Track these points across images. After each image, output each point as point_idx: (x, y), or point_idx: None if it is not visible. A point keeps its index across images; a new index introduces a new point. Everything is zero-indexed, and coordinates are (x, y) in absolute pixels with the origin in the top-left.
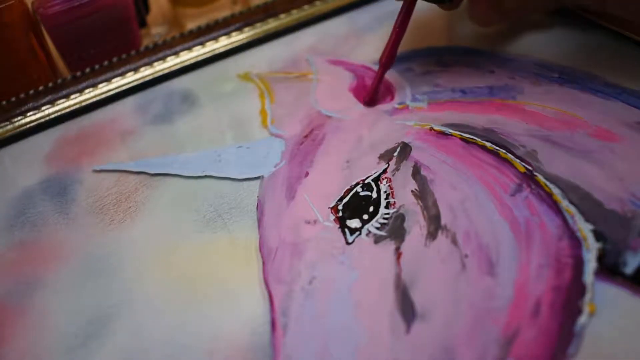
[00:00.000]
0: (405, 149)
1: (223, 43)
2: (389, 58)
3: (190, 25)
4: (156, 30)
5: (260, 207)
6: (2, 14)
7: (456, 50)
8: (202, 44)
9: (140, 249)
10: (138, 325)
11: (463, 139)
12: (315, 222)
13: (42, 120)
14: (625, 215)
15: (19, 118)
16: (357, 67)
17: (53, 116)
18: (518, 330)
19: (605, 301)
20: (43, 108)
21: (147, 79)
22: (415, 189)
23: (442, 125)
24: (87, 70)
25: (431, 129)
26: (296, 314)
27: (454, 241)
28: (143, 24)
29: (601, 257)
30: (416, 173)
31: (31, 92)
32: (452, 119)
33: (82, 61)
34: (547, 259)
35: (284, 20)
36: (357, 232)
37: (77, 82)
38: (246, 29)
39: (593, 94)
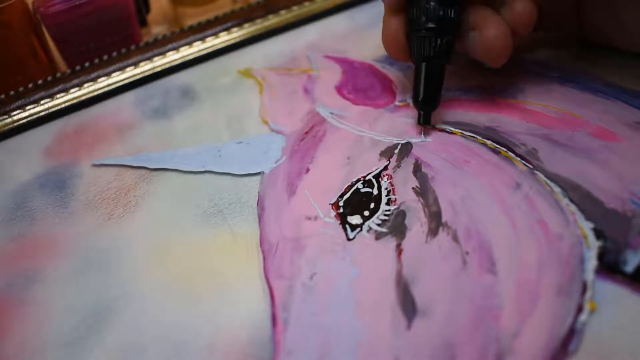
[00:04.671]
0: (406, 146)
1: (223, 39)
2: None
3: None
4: (156, 30)
5: (260, 203)
6: (2, 13)
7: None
8: (202, 39)
9: (140, 243)
10: (137, 320)
11: (464, 137)
12: (316, 218)
13: (42, 114)
14: (625, 214)
15: (18, 112)
16: (358, 65)
17: (52, 110)
18: (518, 327)
19: (606, 299)
20: (42, 102)
21: (146, 74)
22: (416, 186)
23: (443, 123)
24: (87, 64)
25: (432, 126)
26: (297, 309)
27: (455, 238)
28: (143, 23)
29: (601, 256)
30: (417, 170)
31: (30, 85)
32: (453, 117)
33: (83, 61)
34: (547, 256)
35: (284, 16)
36: (358, 229)
37: (76, 76)
38: (246, 25)
39: (593, 94)
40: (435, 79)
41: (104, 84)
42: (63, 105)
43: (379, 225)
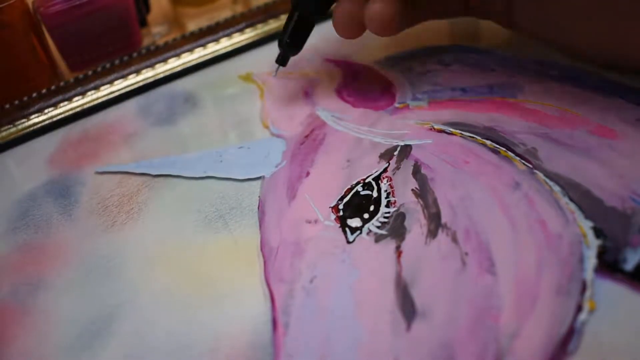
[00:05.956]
0: (405, 148)
1: (224, 44)
2: None
3: (191, 24)
4: (156, 30)
5: (261, 207)
6: (2, 13)
7: (456, 49)
8: (203, 45)
9: (143, 249)
10: (141, 325)
11: (463, 138)
12: (316, 221)
13: (45, 122)
14: (625, 212)
15: (23, 121)
16: (358, 67)
17: (56, 119)
18: (518, 327)
19: (605, 298)
20: (46, 111)
21: (148, 80)
22: (416, 188)
23: (443, 124)
24: (90, 72)
25: (432, 127)
26: (297, 313)
27: (454, 239)
28: (143, 23)
29: (601, 254)
30: (416, 172)
31: (34, 95)
32: (453, 117)
33: (83, 61)
34: (547, 256)
35: (285, 21)
36: (358, 231)
37: (79, 85)
38: (247, 30)
39: (592, 91)
40: (303, 29)
41: (106, 91)
42: (67, 114)
43: (378, 227)
